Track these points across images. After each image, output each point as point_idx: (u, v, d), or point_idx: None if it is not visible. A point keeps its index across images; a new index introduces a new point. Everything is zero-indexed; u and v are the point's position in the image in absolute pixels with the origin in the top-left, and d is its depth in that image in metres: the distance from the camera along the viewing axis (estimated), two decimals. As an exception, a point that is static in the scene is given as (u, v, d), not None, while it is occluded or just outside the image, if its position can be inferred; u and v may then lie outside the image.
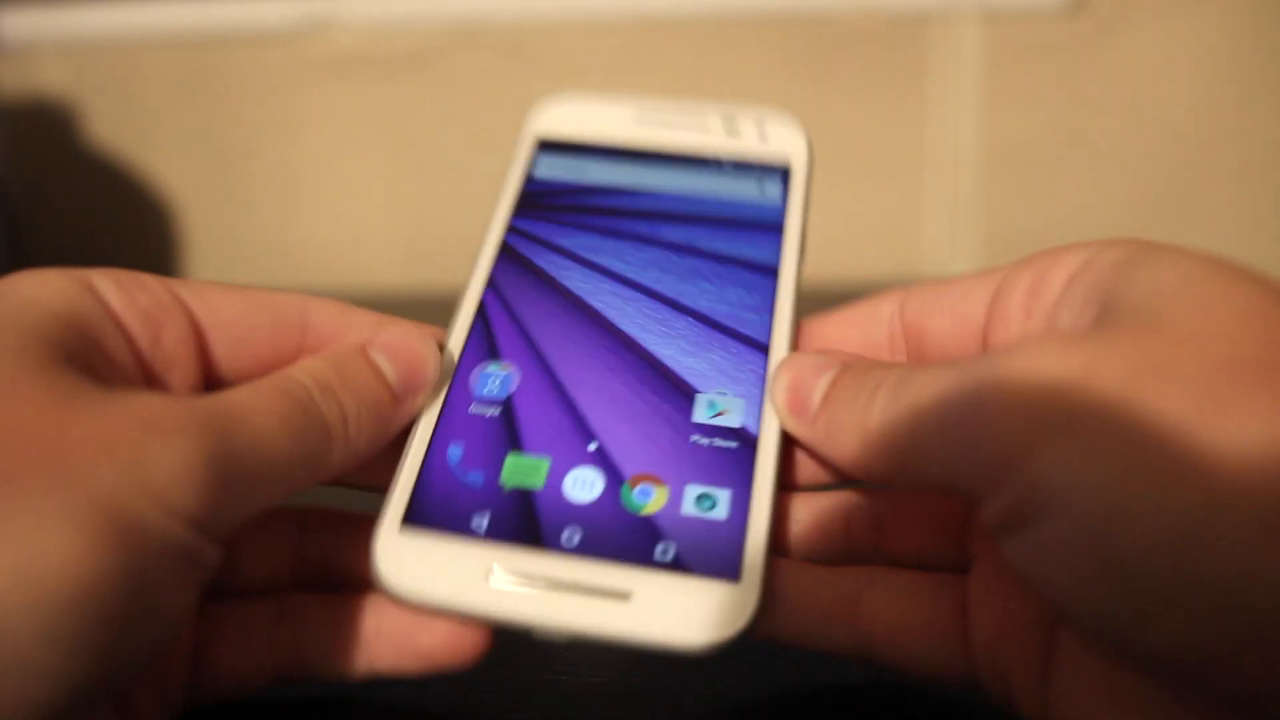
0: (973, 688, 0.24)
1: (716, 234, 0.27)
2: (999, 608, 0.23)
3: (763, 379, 0.24)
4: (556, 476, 0.23)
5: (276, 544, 0.25)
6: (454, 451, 0.24)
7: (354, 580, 0.25)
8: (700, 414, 0.24)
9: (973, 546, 0.25)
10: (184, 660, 0.23)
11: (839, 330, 0.27)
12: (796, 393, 0.24)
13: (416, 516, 0.23)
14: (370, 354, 0.23)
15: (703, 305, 0.25)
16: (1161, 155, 0.72)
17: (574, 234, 0.28)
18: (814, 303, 0.28)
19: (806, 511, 0.26)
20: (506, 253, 0.28)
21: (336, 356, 0.23)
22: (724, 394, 0.24)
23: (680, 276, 0.26)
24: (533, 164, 0.30)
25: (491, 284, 0.27)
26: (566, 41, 0.72)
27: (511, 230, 0.28)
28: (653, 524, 0.22)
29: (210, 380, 0.24)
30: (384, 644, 0.24)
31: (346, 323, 0.25)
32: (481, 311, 0.26)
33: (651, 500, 0.22)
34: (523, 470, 0.23)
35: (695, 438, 0.23)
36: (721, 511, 0.22)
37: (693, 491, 0.22)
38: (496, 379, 0.25)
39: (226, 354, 0.23)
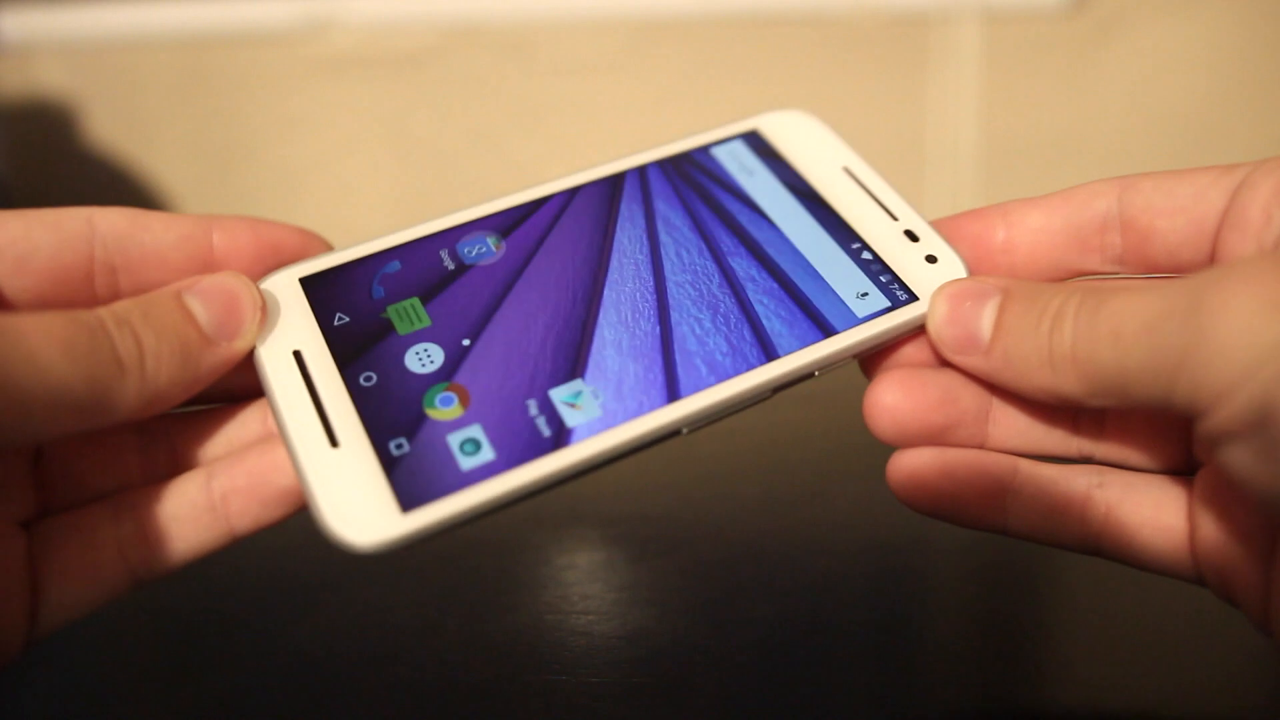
0: (1199, 585, 0.24)
1: (784, 299, 0.25)
2: (1223, 513, 0.23)
3: (645, 412, 0.23)
4: (417, 338, 0.24)
5: (119, 452, 0.25)
6: (392, 266, 0.25)
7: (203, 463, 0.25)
8: (562, 391, 0.23)
9: (1199, 453, 0.25)
10: (16, 581, 0.22)
11: (1044, 217, 0.25)
12: (960, 327, 0.24)
13: (319, 281, 0.24)
14: (183, 296, 0.23)
15: (683, 329, 0.24)
16: (1161, 153, 0.72)
17: (672, 206, 0.27)
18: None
19: (1032, 407, 0.25)
20: (611, 181, 0.28)
21: (146, 297, 0.23)
22: (597, 398, 0.23)
23: (698, 298, 0.25)
24: (721, 141, 0.29)
25: (571, 191, 0.27)
26: (566, 41, 0.72)
27: (638, 169, 0.28)
28: (419, 422, 0.22)
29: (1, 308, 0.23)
30: (239, 499, 0.23)
31: (140, 228, 0.24)
32: (539, 203, 0.27)
33: (442, 410, 0.23)
34: (407, 314, 0.24)
35: (531, 404, 0.23)
36: (468, 463, 0.22)
37: (473, 431, 0.22)
38: (482, 247, 0.26)
39: (8, 273, 0.22)
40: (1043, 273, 0.25)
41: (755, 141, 0.29)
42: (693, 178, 0.28)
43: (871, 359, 0.26)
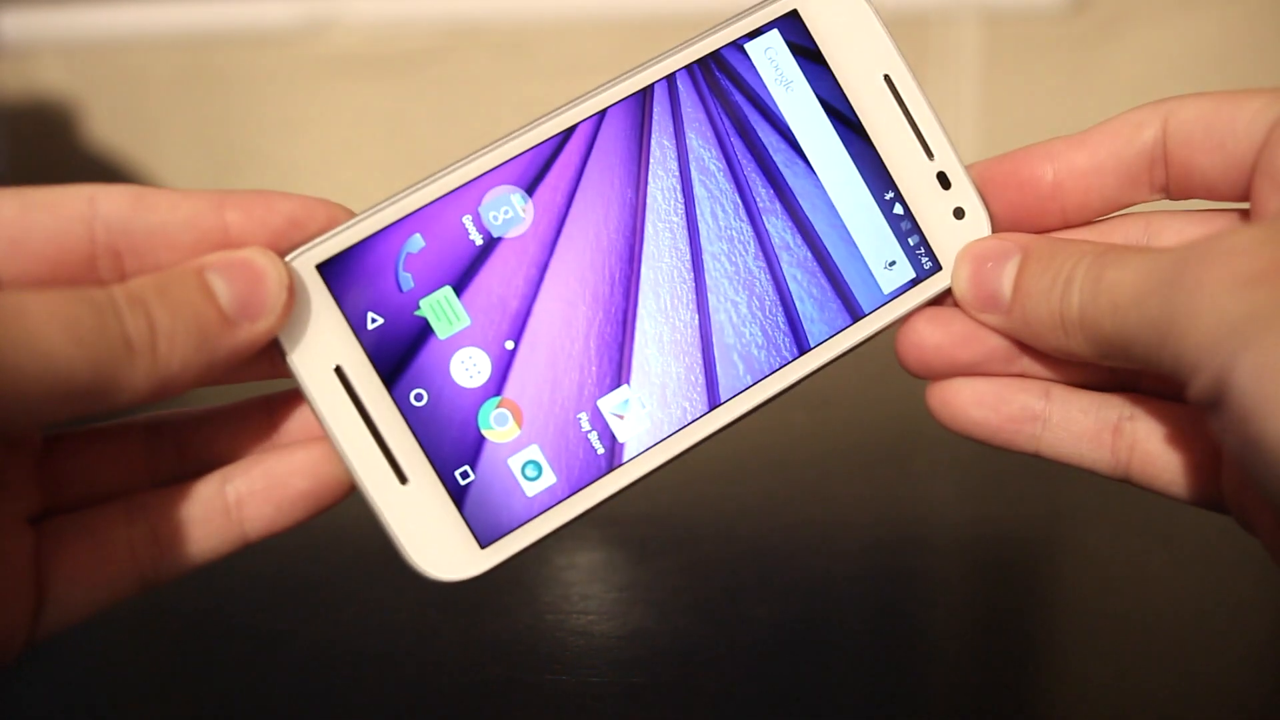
0: (1223, 513, 0.25)
1: (816, 272, 0.25)
2: None
3: (689, 423, 0.23)
4: (458, 342, 0.23)
5: (125, 451, 0.24)
6: (416, 241, 0.23)
7: (213, 467, 0.24)
8: (610, 401, 0.23)
9: None
10: (21, 579, 0.21)
11: (1090, 156, 0.25)
12: (983, 288, 0.24)
13: (337, 268, 0.22)
14: (205, 273, 0.21)
15: (720, 317, 0.24)
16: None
17: (706, 140, 0.24)
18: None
19: None
20: (637, 101, 0.24)
21: (164, 274, 0.21)
22: (644, 407, 0.23)
23: (734, 274, 0.24)
24: (757, 32, 0.25)
25: (601, 117, 0.24)
26: (566, 41, 0.72)
27: (665, 79, 0.24)
28: (479, 446, 0.22)
29: None
30: (254, 503, 0.23)
31: (145, 208, 0.22)
32: (562, 141, 0.24)
33: (498, 430, 0.22)
34: (444, 310, 0.23)
35: (582, 415, 0.23)
36: (532, 488, 0.22)
37: (532, 452, 0.22)
38: (508, 210, 0.23)
39: (2, 257, 0.21)
40: (1095, 211, 0.26)
41: (793, 29, 0.25)
42: (725, 94, 0.25)
43: None
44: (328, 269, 0.22)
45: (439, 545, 0.21)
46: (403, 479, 0.22)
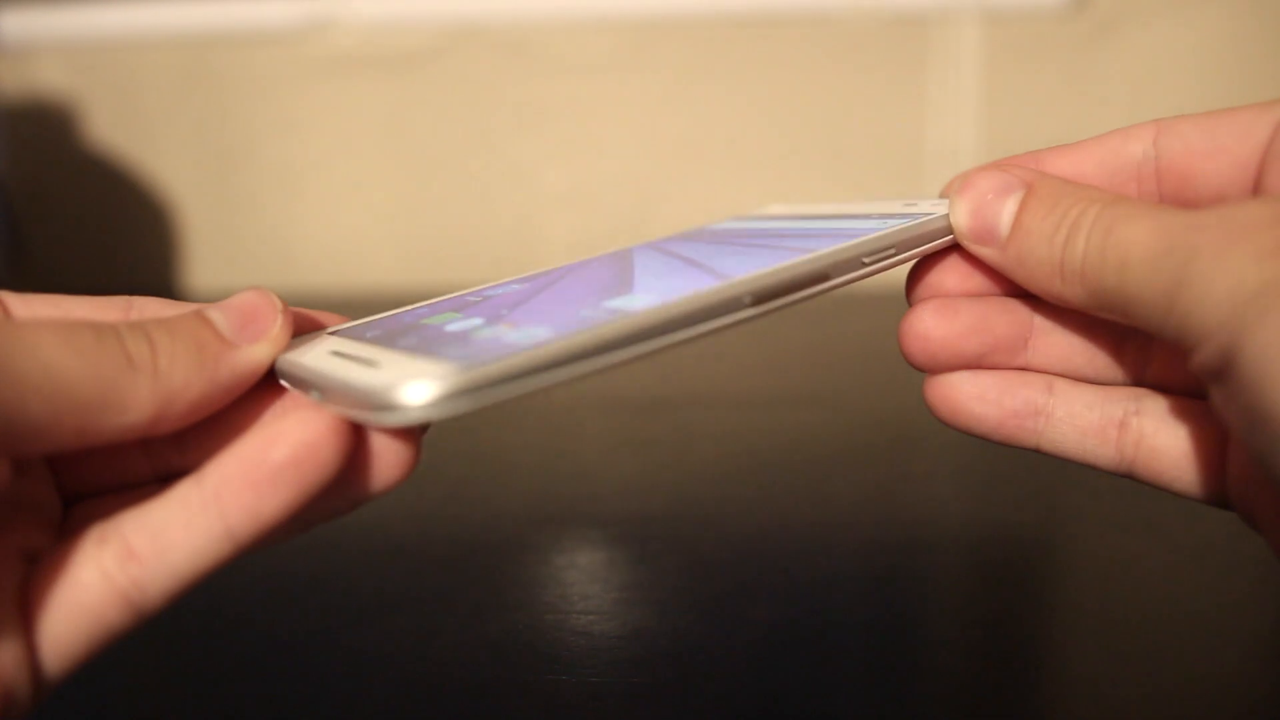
0: (1226, 509, 0.24)
1: (798, 234, 0.26)
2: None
3: (702, 288, 0.23)
4: (454, 322, 0.24)
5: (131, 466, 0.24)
6: (421, 313, 0.26)
7: None
8: (615, 301, 0.23)
9: None
10: (8, 609, 0.21)
11: (1075, 162, 0.25)
12: (980, 218, 0.24)
13: (345, 330, 0.25)
14: (202, 310, 0.23)
15: (715, 261, 0.25)
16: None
17: (687, 238, 0.30)
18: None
19: (1078, 328, 0.26)
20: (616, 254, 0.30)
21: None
22: (650, 291, 0.23)
23: (724, 248, 0.26)
24: (718, 223, 0.32)
25: (585, 264, 0.29)
26: (566, 41, 0.72)
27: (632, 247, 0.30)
28: (464, 339, 0.22)
29: None
30: (231, 491, 0.21)
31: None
32: (551, 270, 0.29)
33: (490, 331, 0.22)
34: (443, 318, 0.25)
35: (585, 310, 0.22)
36: (523, 339, 0.21)
37: (524, 330, 0.22)
38: (505, 289, 0.27)
39: None
40: None
41: (740, 217, 0.32)
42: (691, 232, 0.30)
43: (913, 287, 0.26)
44: (336, 332, 0.25)
45: (409, 382, 0.19)
46: (374, 365, 0.21)
